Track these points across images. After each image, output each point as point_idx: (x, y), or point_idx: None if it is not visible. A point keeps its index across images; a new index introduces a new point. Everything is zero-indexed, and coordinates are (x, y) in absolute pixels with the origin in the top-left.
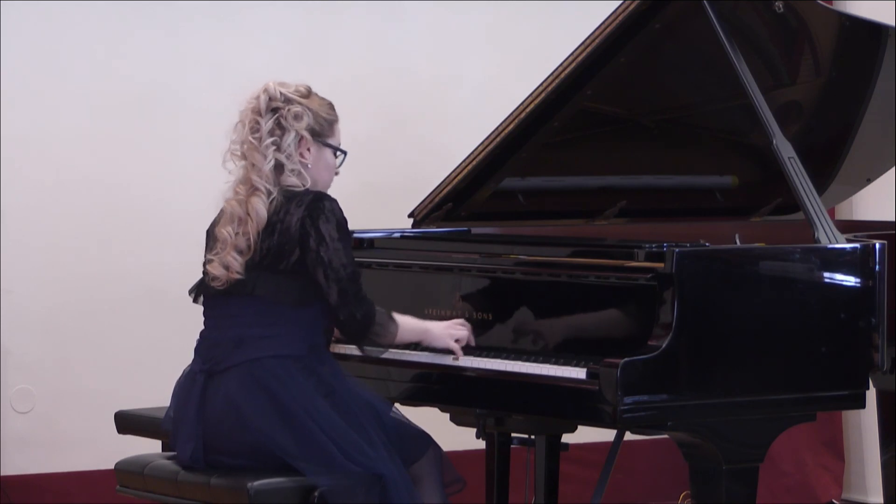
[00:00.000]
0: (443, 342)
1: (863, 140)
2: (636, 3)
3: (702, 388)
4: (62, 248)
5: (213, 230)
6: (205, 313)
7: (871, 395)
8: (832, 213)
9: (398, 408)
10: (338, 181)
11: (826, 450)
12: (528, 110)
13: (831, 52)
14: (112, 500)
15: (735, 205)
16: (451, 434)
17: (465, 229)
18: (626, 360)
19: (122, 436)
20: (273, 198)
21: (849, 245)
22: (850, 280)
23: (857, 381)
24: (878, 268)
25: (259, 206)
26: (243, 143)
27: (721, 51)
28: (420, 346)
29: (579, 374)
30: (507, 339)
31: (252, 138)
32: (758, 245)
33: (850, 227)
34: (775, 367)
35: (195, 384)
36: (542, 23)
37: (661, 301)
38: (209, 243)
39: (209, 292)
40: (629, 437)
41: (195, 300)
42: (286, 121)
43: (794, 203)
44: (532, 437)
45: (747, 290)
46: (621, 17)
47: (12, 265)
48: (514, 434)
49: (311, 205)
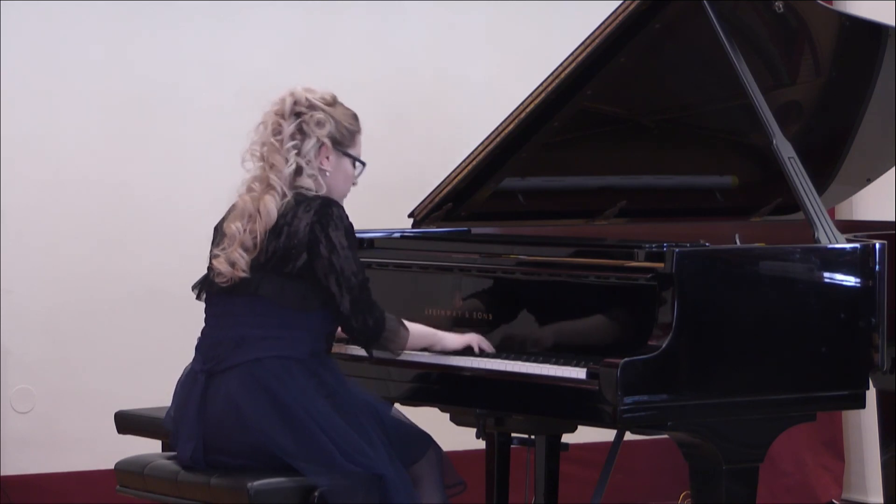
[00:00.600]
0: (458, 342)
1: (863, 140)
2: (636, 3)
3: (702, 388)
4: (62, 248)
5: (222, 225)
6: (207, 311)
7: (871, 395)
8: (832, 213)
9: (398, 408)
10: None
11: (826, 450)
12: (528, 110)
13: (831, 52)
14: (112, 500)
15: (735, 205)
16: (451, 434)
17: (465, 229)
18: (626, 360)
19: (122, 436)
20: (286, 199)
21: (849, 245)
22: (850, 280)
23: (857, 381)
24: (878, 268)
25: (271, 204)
26: (264, 144)
27: (721, 51)
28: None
29: (579, 374)
30: (507, 339)
31: (274, 140)
32: (758, 245)
33: (850, 227)
34: (775, 367)
35: (196, 384)
36: (542, 23)
37: (661, 301)
38: (216, 238)
39: (213, 290)
40: (629, 437)
41: (198, 297)
42: (308, 126)
43: (794, 203)
44: (532, 437)
45: (747, 290)
46: (621, 18)
47: (12, 265)
48: (514, 434)
49: (319, 210)
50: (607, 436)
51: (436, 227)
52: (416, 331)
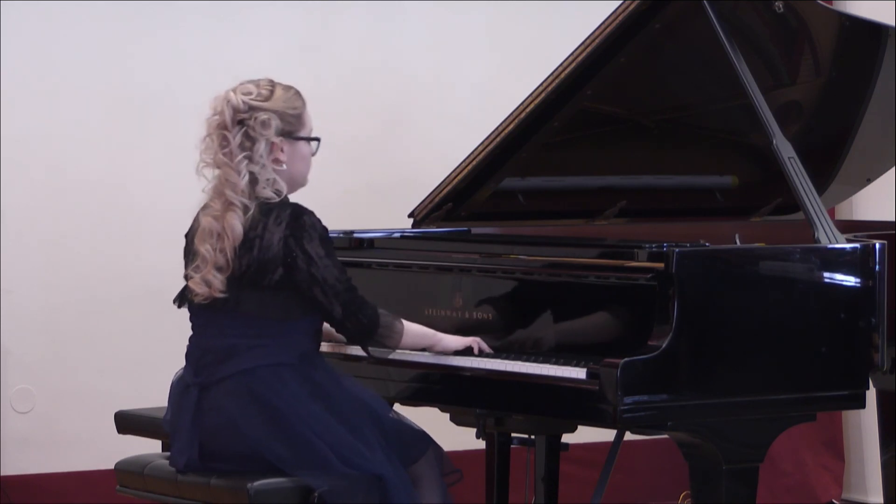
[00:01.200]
0: (458, 344)
1: (863, 140)
2: (636, 3)
3: (702, 388)
4: (62, 248)
5: (193, 243)
6: (191, 320)
7: (871, 395)
8: (832, 213)
9: (398, 408)
10: (338, 181)
11: (826, 450)
12: (528, 110)
13: (831, 52)
14: (112, 500)
15: (735, 205)
16: (451, 434)
17: (465, 229)
18: (626, 360)
19: (121, 436)
20: (249, 213)
21: (849, 245)
22: (850, 280)
23: (857, 381)
24: (878, 268)
25: (235, 222)
26: (214, 156)
27: (721, 51)
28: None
29: (579, 374)
30: (508, 339)
31: (222, 154)
32: (758, 245)
33: (850, 227)
34: (775, 367)
35: (189, 397)
36: (541, 23)
37: (661, 301)
38: (189, 256)
39: (193, 304)
40: (629, 437)
41: (179, 306)
42: (255, 131)
43: (794, 203)
44: (532, 437)
45: (747, 291)
46: (621, 17)
47: (12, 265)
48: (514, 434)
49: (291, 223)
50: (607, 436)
51: (436, 227)
52: (416, 331)
